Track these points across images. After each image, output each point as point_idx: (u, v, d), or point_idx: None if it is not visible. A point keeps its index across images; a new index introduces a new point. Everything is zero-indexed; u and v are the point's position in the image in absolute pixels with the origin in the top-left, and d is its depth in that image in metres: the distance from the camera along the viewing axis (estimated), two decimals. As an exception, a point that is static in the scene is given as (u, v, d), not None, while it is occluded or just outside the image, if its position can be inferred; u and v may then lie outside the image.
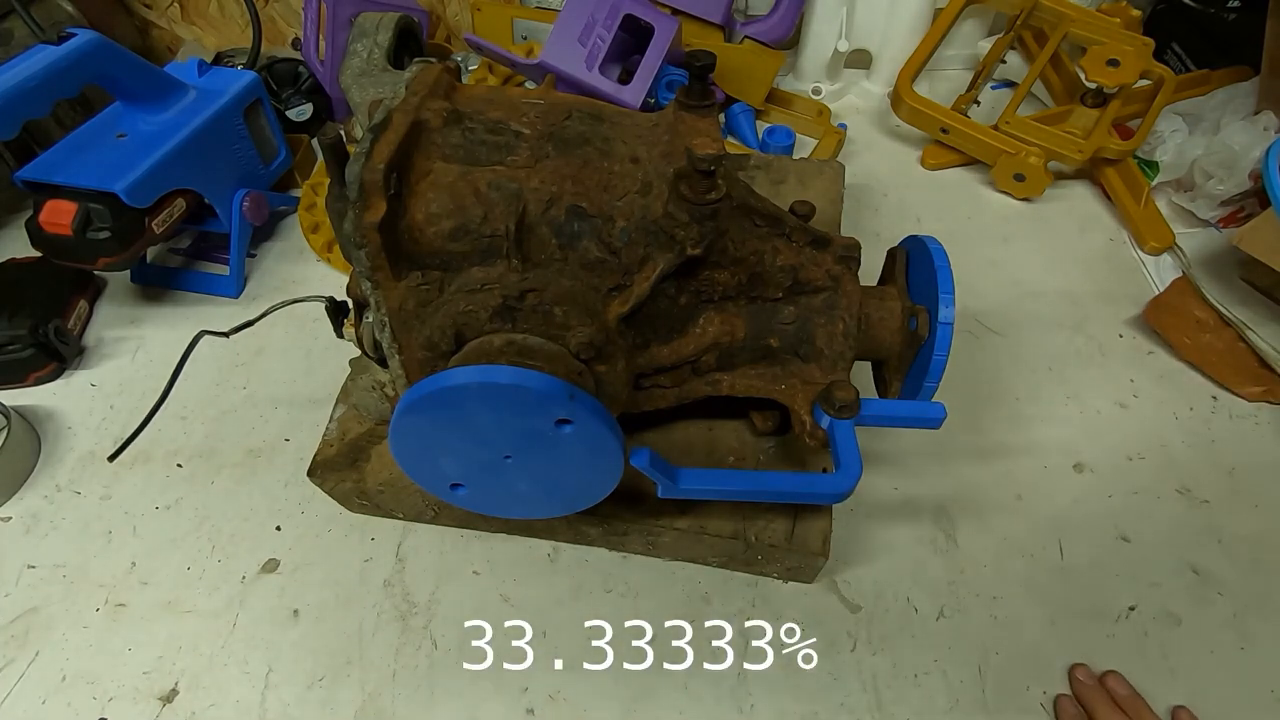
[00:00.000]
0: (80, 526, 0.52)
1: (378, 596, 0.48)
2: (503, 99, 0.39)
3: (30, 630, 0.47)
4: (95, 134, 0.60)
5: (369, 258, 0.35)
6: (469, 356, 0.36)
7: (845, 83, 0.84)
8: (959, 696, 0.43)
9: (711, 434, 0.48)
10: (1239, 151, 0.62)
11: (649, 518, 0.45)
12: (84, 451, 0.56)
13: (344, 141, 0.34)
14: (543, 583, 0.48)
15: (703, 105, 0.39)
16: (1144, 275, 0.65)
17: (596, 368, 0.38)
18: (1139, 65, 0.67)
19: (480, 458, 0.36)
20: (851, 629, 0.46)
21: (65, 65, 0.52)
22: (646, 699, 0.43)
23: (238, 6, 0.88)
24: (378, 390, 0.47)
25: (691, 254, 0.36)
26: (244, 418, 0.57)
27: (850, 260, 0.42)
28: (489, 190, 0.36)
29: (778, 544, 0.44)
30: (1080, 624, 0.46)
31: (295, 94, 0.76)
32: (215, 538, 0.51)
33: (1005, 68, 0.80)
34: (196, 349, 0.48)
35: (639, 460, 0.36)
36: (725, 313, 0.41)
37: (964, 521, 0.50)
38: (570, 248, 0.37)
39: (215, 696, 0.44)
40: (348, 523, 0.51)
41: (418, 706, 0.43)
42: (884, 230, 0.69)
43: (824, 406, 0.40)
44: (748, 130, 0.77)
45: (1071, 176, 0.74)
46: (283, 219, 0.73)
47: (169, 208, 0.60)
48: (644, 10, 0.69)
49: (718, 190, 0.34)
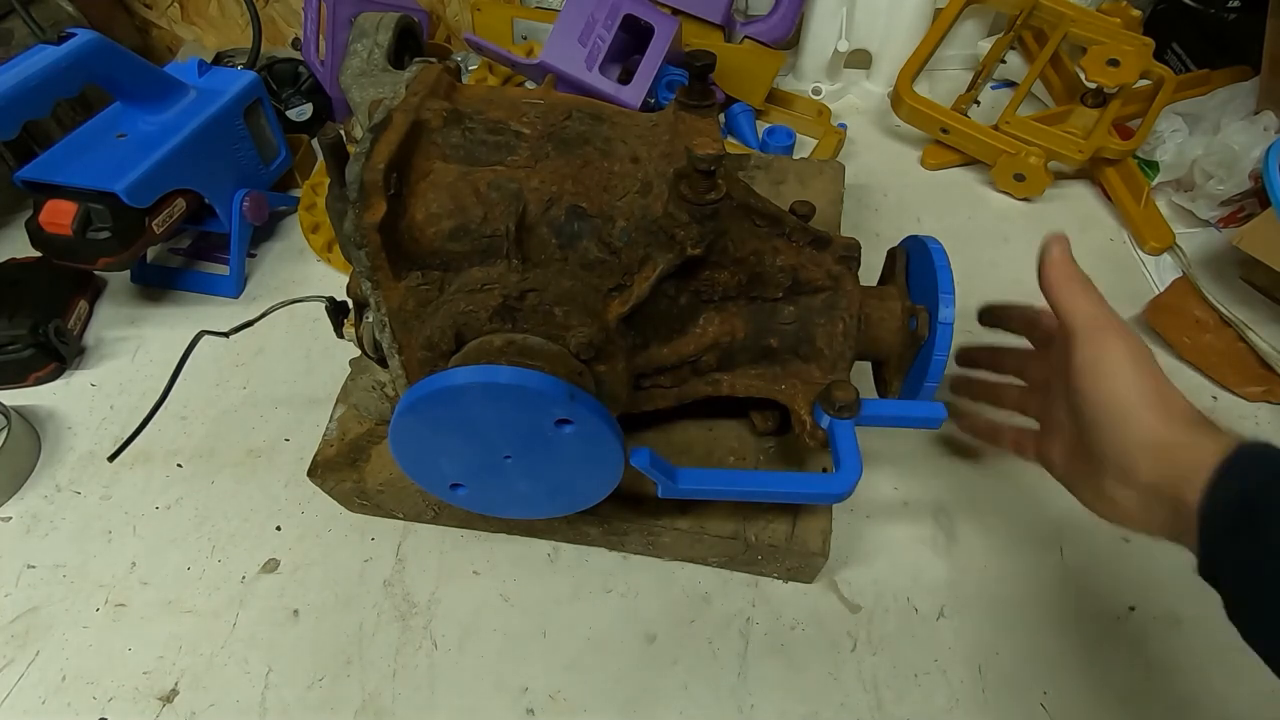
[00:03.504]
0: (80, 526, 0.52)
1: (378, 596, 0.48)
2: (503, 99, 0.39)
3: (30, 630, 0.47)
4: (95, 134, 0.60)
5: (369, 258, 0.35)
6: (469, 356, 0.36)
7: (845, 83, 0.84)
8: (959, 696, 0.43)
9: (711, 434, 0.48)
10: (1239, 151, 0.62)
11: (649, 518, 0.45)
12: (84, 451, 0.56)
13: (344, 141, 0.34)
14: (543, 583, 0.48)
15: (703, 105, 0.39)
16: (1144, 275, 0.65)
17: (596, 368, 0.38)
18: (1139, 65, 0.67)
19: (480, 458, 0.36)
20: (851, 629, 0.46)
21: (65, 65, 0.52)
22: (646, 699, 0.43)
23: (238, 6, 0.88)
24: (378, 390, 0.47)
25: (691, 254, 0.36)
26: (244, 418, 0.57)
27: (850, 260, 0.42)
28: (489, 190, 0.36)
29: (778, 544, 0.44)
30: (1080, 624, 0.46)
31: (295, 94, 0.76)
32: (215, 538, 0.51)
33: (1005, 68, 0.80)
34: (196, 349, 0.48)
35: (639, 460, 0.36)
36: (725, 313, 0.41)
37: (964, 521, 0.50)
38: (570, 248, 0.37)
39: (215, 696, 0.44)
40: (348, 523, 0.51)
41: (418, 706, 0.43)
42: (884, 230, 0.69)
43: (824, 406, 0.40)
44: (748, 130, 0.77)
45: (1071, 176, 0.74)
46: (283, 219, 0.73)
47: (169, 208, 0.60)
48: (644, 10, 0.69)
49: (718, 190, 0.34)
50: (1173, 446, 0.32)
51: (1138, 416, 0.34)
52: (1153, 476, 0.33)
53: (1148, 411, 0.34)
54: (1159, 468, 0.33)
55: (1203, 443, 0.32)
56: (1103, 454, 0.35)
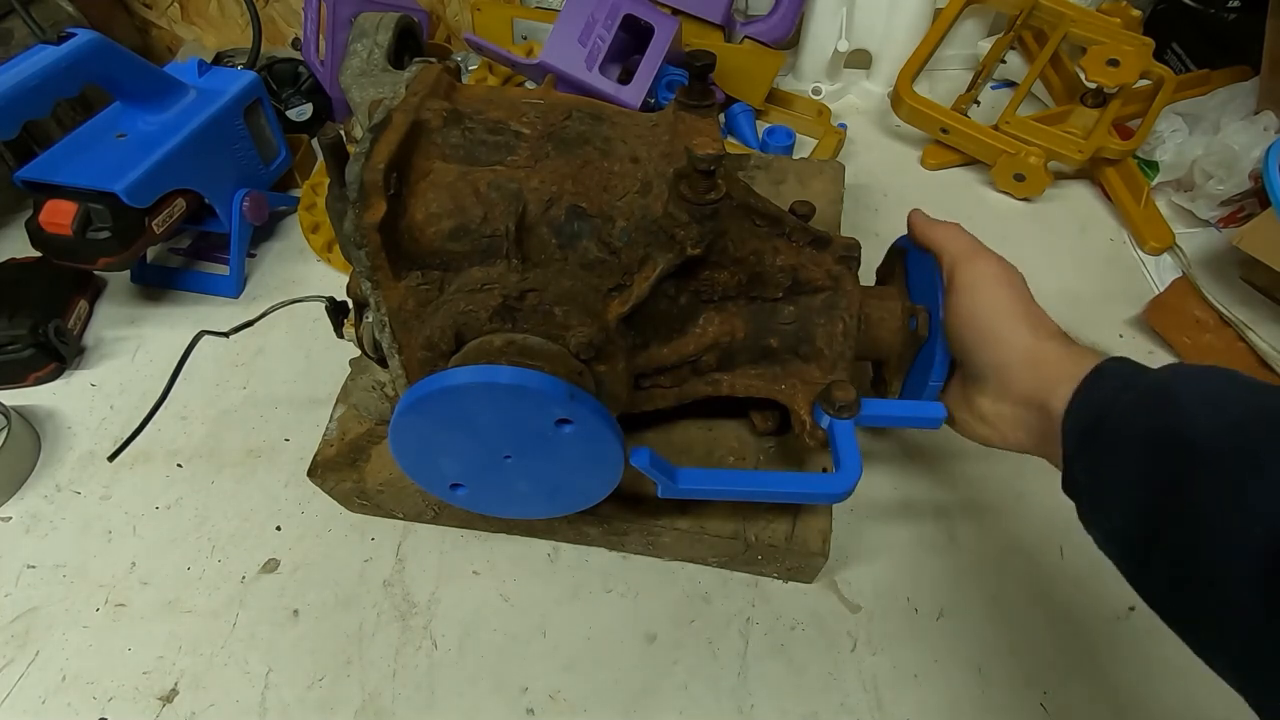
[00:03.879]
0: (80, 526, 0.52)
1: (378, 596, 0.48)
2: (503, 99, 0.39)
3: (30, 630, 0.47)
4: (95, 134, 0.60)
5: (369, 258, 0.35)
6: (469, 356, 0.36)
7: (845, 83, 0.84)
8: (959, 696, 0.43)
9: (711, 434, 0.48)
10: (1239, 151, 0.62)
11: (649, 518, 0.45)
12: (84, 451, 0.56)
13: (344, 141, 0.34)
14: (543, 583, 0.48)
15: (703, 105, 0.39)
16: (1144, 275, 0.65)
17: (596, 368, 0.38)
18: (1139, 65, 0.67)
19: (480, 458, 0.36)
20: (851, 629, 0.46)
21: (65, 65, 0.52)
22: (646, 699, 0.43)
23: (238, 6, 0.88)
24: (378, 390, 0.47)
25: (691, 254, 0.36)
26: (244, 418, 0.57)
27: (850, 260, 0.42)
28: (489, 190, 0.36)
29: (778, 544, 0.44)
30: (1080, 624, 0.46)
31: (295, 94, 0.76)
32: (215, 538, 0.51)
33: (1005, 68, 0.80)
34: (196, 349, 0.48)
35: (639, 460, 0.36)
36: (725, 313, 0.41)
37: (964, 521, 0.50)
38: (570, 248, 0.37)
39: (215, 696, 0.44)
40: (348, 523, 0.51)
41: (418, 706, 0.43)
42: (884, 230, 0.69)
43: (824, 406, 0.40)
44: (748, 130, 0.77)
45: (1071, 176, 0.74)
46: (283, 219, 0.73)
47: (169, 208, 0.60)
48: (644, 10, 0.69)
49: (718, 190, 0.34)
50: (1041, 359, 0.35)
51: (1011, 329, 0.36)
52: (1025, 387, 0.35)
53: (1020, 324, 0.36)
54: (1030, 378, 0.35)
55: (1070, 355, 0.34)
56: (981, 373, 0.38)
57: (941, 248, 0.41)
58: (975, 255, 0.39)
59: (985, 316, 0.37)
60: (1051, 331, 0.37)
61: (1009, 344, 0.36)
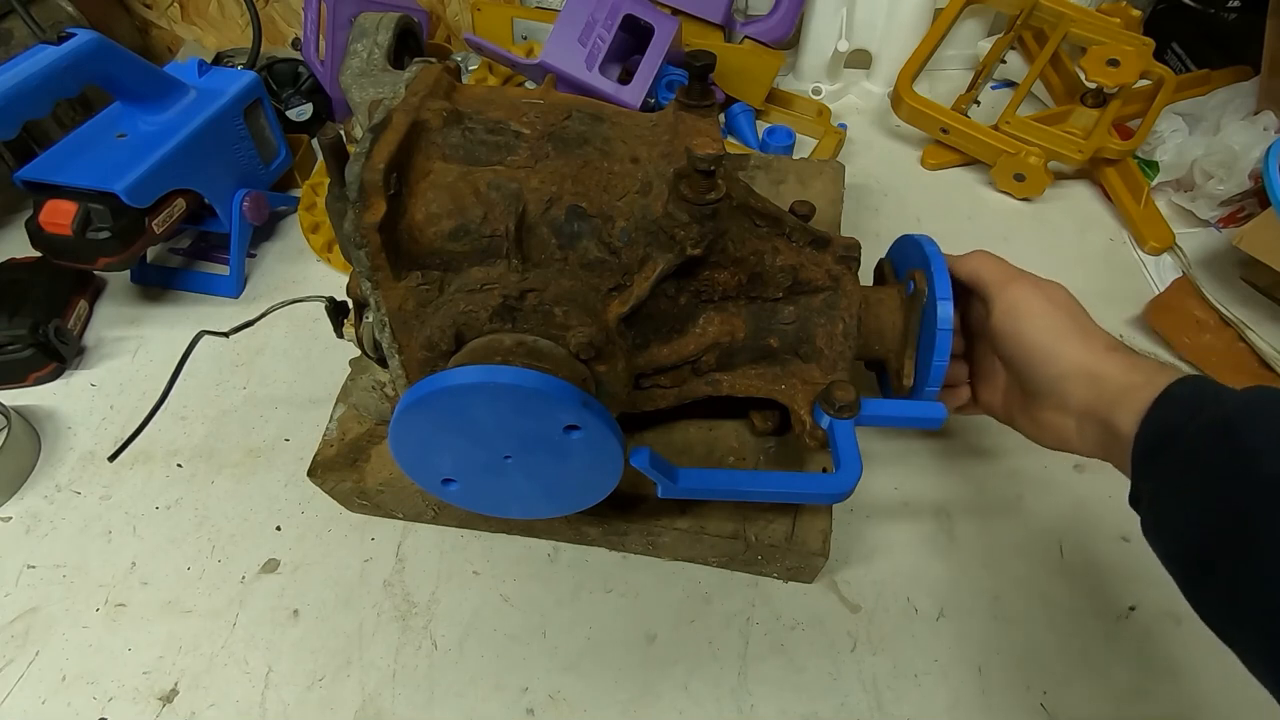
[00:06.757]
0: (80, 526, 0.52)
1: (378, 596, 0.48)
2: (503, 99, 0.39)
3: (30, 630, 0.47)
4: (95, 134, 0.60)
5: (369, 258, 0.35)
6: (474, 355, 0.36)
7: (845, 83, 0.84)
8: (959, 696, 0.43)
9: (711, 434, 0.48)
10: (1239, 151, 0.62)
11: (649, 518, 0.45)
12: (84, 451, 0.56)
13: (344, 141, 0.34)
14: (543, 583, 0.48)
15: (703, 105, 0.39)
16: (1144, 275, 0.65)
17: (596, 368, 0.38)
18: (1139, 65, 0.67)
19: (480, 458, 0.36)
20: (851, 629, 0.46)
21: (65, 65, 0.52)
22: (646, 699, 0.43)
23: (238, 6, 0.88)
24: (378, 390, 0.47)
25: (691, 254, 0.36)
26: (244, 418, 0.57)
27: (850, 260, 0.42)
28: (489, 190, 0.36)
29: (778, 544, 0.44)
30: (1080, 624, 0.46)
31: (295, 94, 0.76)
32: (215, 538, 0.51)
33: (1005, 68, 0.80)
34: (196, 349, 0.48)
35: (639, 460, 0.36)
36: (725, 313, 0.41)
37: (964, 521, 0.50)
38: (570, 248, 0.37)
39: (215, 696, 0.44)
40: (348, 523, 0.51)
41: (418, 706, 0.43)
42: (884, 230, 0.69)
43: (824, 406, 0.40)
44: (748, 130, 0.77)
45: (1071, 176, 0.74)
46: (283, 219, 0.73)
47: (169, 208, 0.60)
48: (644, 10, 0.69)
49: (718, 190, 0.34)
50: (1099, 372, 0.36)
51: (1059, 349, 0.37)
52: (1084, 401, 0.36)
53: (1068, 343, 0.37)
54: (1089, 393, 0.36)
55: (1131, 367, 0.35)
56: (1036, 389, 0.39)
57: (975, 277, 0.42)
58: (1009, 279, 0.40)
59: (1030, 335, 0.38)
60: (1108, 344, 0.37)
61: (1060, 358, 0.37)
